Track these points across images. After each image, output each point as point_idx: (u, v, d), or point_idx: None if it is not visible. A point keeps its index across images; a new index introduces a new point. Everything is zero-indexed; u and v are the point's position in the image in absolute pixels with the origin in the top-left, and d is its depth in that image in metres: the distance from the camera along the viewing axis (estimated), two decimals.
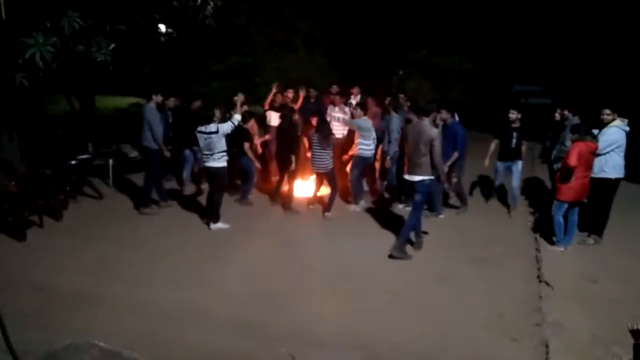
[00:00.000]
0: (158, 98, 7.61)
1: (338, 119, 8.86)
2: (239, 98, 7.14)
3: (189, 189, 8.80)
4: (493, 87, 15.15)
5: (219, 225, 7.01)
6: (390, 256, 6.11)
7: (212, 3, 7.29)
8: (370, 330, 4.60)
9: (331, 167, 7.62)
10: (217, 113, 6.83)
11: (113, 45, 6.61)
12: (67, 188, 7.62)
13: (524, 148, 7.82)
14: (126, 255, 6.11)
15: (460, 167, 7.66)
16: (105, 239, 6.60)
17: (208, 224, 7.07)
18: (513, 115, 7.66)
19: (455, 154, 7.33)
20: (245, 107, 8.52)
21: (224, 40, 14.53)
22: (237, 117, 6.82)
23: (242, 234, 6.93)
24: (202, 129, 6.67)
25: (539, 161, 9.96)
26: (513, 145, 7.62)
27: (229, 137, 7.72)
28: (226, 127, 6.70)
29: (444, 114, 7.32)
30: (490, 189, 8.50)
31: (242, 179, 8.28)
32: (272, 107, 9.00)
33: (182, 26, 9.15)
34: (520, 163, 7.75)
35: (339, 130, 8.67)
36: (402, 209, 7.77)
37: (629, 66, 14.78)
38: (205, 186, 7.77)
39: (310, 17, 17.48)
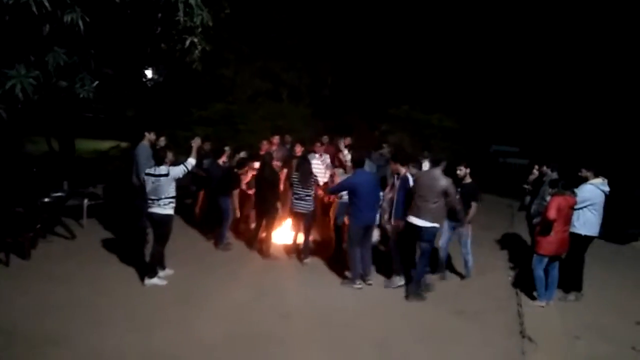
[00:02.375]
0: (151, 136, 7.52)
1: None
2: (195, 142, 6.65)
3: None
4: (472, 145, 15.46)
5: (155, 280, 6.28)
6: (407, 297, 6.33)
7: (199, 47, 7.32)
8: None
9: (312, 209, 7.50)
10: (170, 155, 6.32)
11: (97, 82, 6.55)
12: (38, 226, 7.32)
13: (471, 210, 6.87)
14: (92, 297, 5.79)
15: None
16: (71, 280, 6.27)
17: (142, 278, 6.38)
18: (461, 171, 7.02)
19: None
20: (243, 154, 8.59)
21: (209, 88, 14.70)
22: (192, 161, 6.37)
23: (216, 279, 6.68)
24: (152, 171, 6.14)
25: (518, 216, 10.03)
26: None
27: (219, 180, 7.64)
28: (177, 171, 6.17)
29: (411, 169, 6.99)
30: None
31: (218, 220, 8.04)
32: (257, 157, 8.94)
33: (168, 70, 9.21)
34: (465, 227, 6.95)
35: (320, 175, 8.56)
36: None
37: (609, 126, 15.33)
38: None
39: (295, 70, 17.95)
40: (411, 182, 6.59)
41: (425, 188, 6.23)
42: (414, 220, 6.26)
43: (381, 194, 6.98)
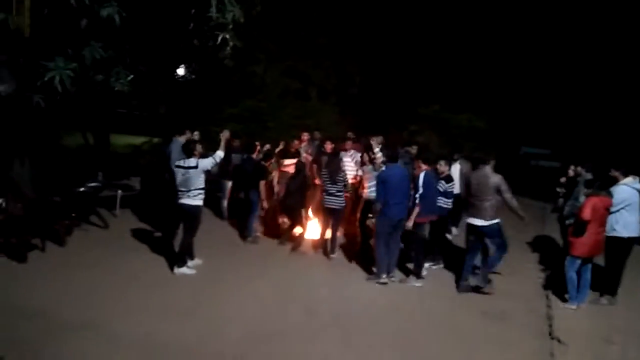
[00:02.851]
0: (188, 134, 7.69)
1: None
2: (224, 134, 6.71)
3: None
4: (501, 146, 15.18)
5: (184, 270, 6.44)
6: (477, 287, 6.48)
7: (231, 44, 7.43)
8: None
9: (344, 204, 7.50)
10: (199, 148, 6.46)
11: (132, 76, 6.74)
12: (73, 215, 7.56)
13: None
14: (123, 284, 5.96)
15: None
16: (104, 267, 6.46)
17: (172, 267, 6.54)
18: (440, 166, 7.18)
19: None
20: (268, 146, 8.73)
21: (240, 86, 14.86)
22: (220, 154, 6.40)
23: (242, 272, 6.77)
24: (181, 163, 6.27)
25: (550, 218, 9.81)
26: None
27: (247, 173, 7.80)
28: (206, 163, 6.29)
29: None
30: None
31: (246, 211, 8.19)
32: (288, 154, 9.02)
33: (200, 67, 9.38)
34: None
35: (351, 172, 8.55)
36: (427, 267, 7.17)
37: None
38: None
39: (324, 69, 17.97)
40: (421, 181, 6.66)
41: (477, 187, 6.39)
42: (473, 220, 6.45)
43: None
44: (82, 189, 8.03)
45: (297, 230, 7.98)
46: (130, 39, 6.63)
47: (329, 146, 9.56)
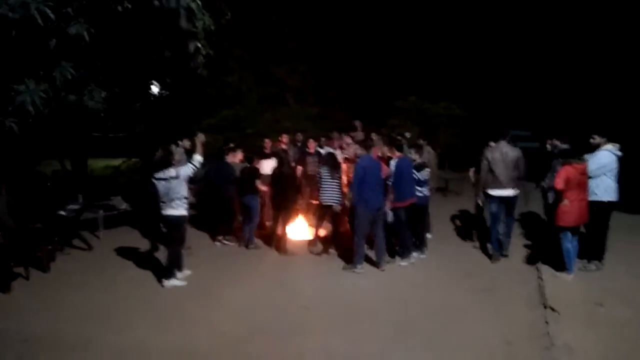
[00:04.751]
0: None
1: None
2: (199, 138, 6.60)
3: None
4: (481, 131, 15.36)
5: (174, 282, 6.33)
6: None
7: (204, 52, 7.43)
8: None
9: (340, 199, 7.51)
10: (177, 156, 6.39)
11: (105, 93, 6.68)
12: (55, 239, 7.46)
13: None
14: (113, 301, 5.90)
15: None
16: (91, 287, 6.39)
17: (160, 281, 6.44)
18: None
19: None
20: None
21: (216, 96, 14.83)
22: (199, 158, 6.33)
23: (234, 276, 6.76)
24: (160, 175, 6.18)
25: (533, 194, 9.98)
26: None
27: (239, 178, 7.77)
28: (187, 170, 6.23)
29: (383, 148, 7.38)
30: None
31: (245, 218, 8.14)
32: (263, 155, 9.03)
33: (174, 80, 9.31)
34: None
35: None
36: (414, 257, 7.24)
37: (618, 99, 15.15)
38: None
39: (299, 74, 18.05)
40: (393, 167, 6.89)
41: (500, 162, 6.87)
42: (501, 192, 6.95)
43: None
44: (62, 213, 7.94)
45: (286, 227, 7.96)
46: (101, 56, 6.56)
47: (312, 145, 9.64)
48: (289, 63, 17.75)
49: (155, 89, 13.04)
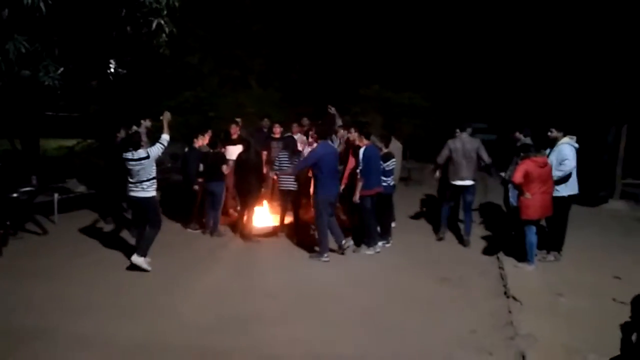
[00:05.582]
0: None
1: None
2: (165, 116, 6.41)
3: None
4: (442, 122, 15.61)
5: (141, 261, 6.12)
6: (465, 245, 7.47)
7: (167, 30, 7.11)
8: (340, 352, 4.40)
9: (296, 185, 7.57)
10: (144, 137, 6.26)
11: (62, 69, 6.31)
12: (7, 223, 7.05)
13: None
14: (72, 290, 5.62)
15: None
16: (48, 274, 6.08)
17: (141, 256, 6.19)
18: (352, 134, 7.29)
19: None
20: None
21: (177, 77, 14.35)
22: (166, 137, 6.19)
23: (199, 265, 6.60)
24: (129, 155, 6.01)
25: (492, 186, 10.26)
26: None
27: (204, 164, 7.61)
28: (156, 149, 6.08)
29: (353, 134, 7.25)
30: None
31: (210, 205, 7.92)
32: (229, 141, 8.81)
33: (133, 58, 8.92)
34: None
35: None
36: (380, 246, 7.24)
37: (573, 93, 15.66)
38: None
39: (262, 57, 17.73)
40: (361, 156, 6.87)
41: (460, 152, 7.26)
42: (459, 182, 7.36)
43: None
44: (14, 195, 7.50)
45: (251, 214, 7.82)
46: (58, 29, 6.18)
47: (277, 130, 9.48)
48: (253, 45, 17.40)
49: (112, 67, 12.52)
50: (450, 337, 4.67)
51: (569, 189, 6.48)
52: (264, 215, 8.54)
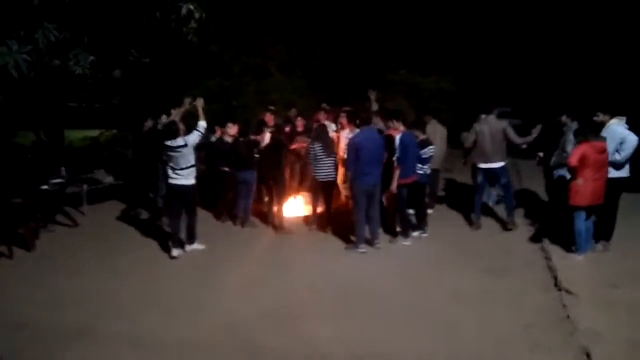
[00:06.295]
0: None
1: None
2: (199, 102, 6.42)
3: None
4: (468, 106, 15.22)
5: (195, 245, 6.52)
6: (508, 229, 7.36)
7: (196, 16, 6.91)
8: (388, 351, 4.20)
9: (336, 176, 7.36)
10: (182, 126, 6.20)
11: (92, 58, 6.16)
12: (39, 216, 6.98)
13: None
14: (110, 285, 5.52)
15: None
16: (82, 269, 5.99)
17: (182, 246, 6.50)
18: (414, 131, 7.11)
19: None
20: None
21: (199, 66, 14.19)
22: (203, 124, 6.25)
23: (236, 256, 6.46)
24: (169, 143, 6.05)
25: (525, 172, 9.92)
26: None
27: (235, 153, 7.51)
28: (194, 137, 6.15)
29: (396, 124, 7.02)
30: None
31: (242, 195, 7.74)
32: (261, 130, 8.60)
33: (160, 45, 8.70)
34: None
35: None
36: (416, 236, 7.09)
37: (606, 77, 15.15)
38: None
39: (283, 44, 17.46)
40: (398, 143, 6.66)
41: (487, 134, 7.12)
42: (487, 165, 7.22)
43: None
44: (45, 187, 7.45)
45: (282, 204, 7.65)
46: (88, 16, 6.00)
47: (300, 123, 9.25)
48: (273, 33, 17.13)
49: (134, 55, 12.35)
50: (504, 333, 4.43)
51: (621, 171, 6.12)
52: (294, 206, 8.37)
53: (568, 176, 6.16)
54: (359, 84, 16.69)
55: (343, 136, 7.77)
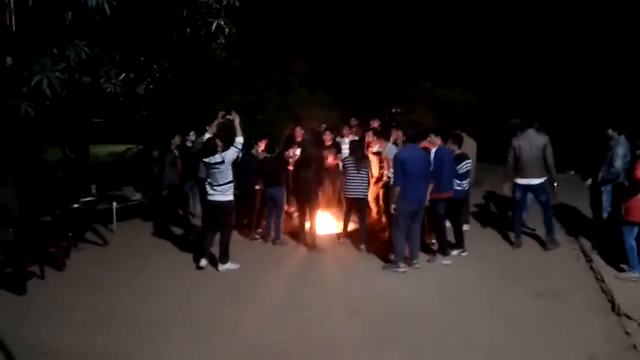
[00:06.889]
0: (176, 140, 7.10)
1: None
2: (234, 116, 6.37)
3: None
4: (494, 120, 14.89)
5: (228, 266, 6.34)
6: (547, 248, 6.97)
7: (227, 31, 6.80)
8: None
9: (367, 193, 7.17)
10: (219, 142, 6.19)
11: (124, 75, 6.06)
12: (70, 235, 6.86)
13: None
14: (140, 306, 5.33)
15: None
16: (114, 289, 5.80)
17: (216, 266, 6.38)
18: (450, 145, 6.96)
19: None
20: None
21: (222, 81, 14.16)
22: (240, 140, 6.22)
23: (266, 276, 6.24)
24: (207, 160, 6.10)
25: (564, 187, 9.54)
26: None
27: (264, 169, 7.38)
28: (231, 154, 6.14)
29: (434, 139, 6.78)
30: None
31: (272, 212, 7.52)
32: (290, 144, 8.45)
33: (190, 60, 8.63)
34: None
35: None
36: (456, 255, 6.80)
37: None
38: None
39: (304, 59, 17.42)
40: (433, 157, 6.51)
41: (528, 149, 6.82)
42: (525, 181, 6.90)
43: None
44: (76, 206, 7.34)
45: (315, 221, 7.41)
46: (119, 33, 5.92)
47: (328, 138, 9.06)
48: (294, 47, 17.11)
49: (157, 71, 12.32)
50: None
51: None
52: (325, 222, 8.15)
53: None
54: (382, 97, 16.58)
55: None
